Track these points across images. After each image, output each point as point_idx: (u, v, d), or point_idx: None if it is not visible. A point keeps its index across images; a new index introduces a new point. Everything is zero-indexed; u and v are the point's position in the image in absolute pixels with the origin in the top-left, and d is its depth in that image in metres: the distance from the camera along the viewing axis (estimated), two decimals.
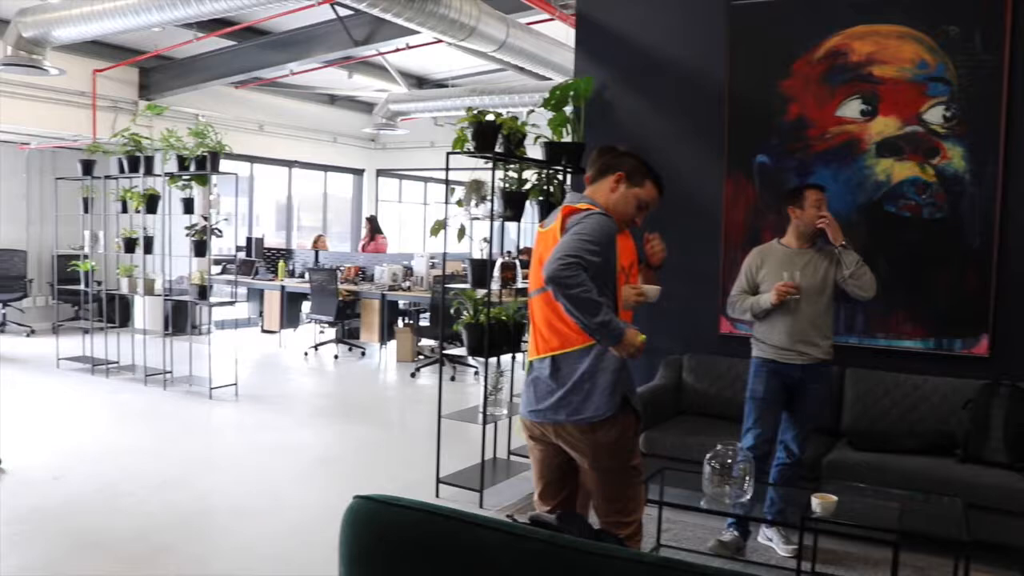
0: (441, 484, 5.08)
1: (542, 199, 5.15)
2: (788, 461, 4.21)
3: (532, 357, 3.04)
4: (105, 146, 8.69)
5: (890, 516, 3.48)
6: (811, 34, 5.02)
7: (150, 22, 7.47)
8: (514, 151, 4.86)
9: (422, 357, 10.07)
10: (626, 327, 2.77)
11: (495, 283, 4.98)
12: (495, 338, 4.99)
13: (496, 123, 4.75)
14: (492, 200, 4.94)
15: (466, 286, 5.18)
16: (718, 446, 3.64)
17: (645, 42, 5.61)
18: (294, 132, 13.75)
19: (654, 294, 3.10)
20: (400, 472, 5.68)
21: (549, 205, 5.11)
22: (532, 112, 5.18)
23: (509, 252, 5.36)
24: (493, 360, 5.13)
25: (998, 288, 4.62)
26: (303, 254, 12.51)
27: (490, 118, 4.77)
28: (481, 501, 4.87)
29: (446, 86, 12.67)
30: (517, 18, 8.15)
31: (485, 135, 4.73)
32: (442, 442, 5.13)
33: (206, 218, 8.00)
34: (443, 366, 5.88)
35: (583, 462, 2.95)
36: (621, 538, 2.58)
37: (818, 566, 3.89)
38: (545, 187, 5.17)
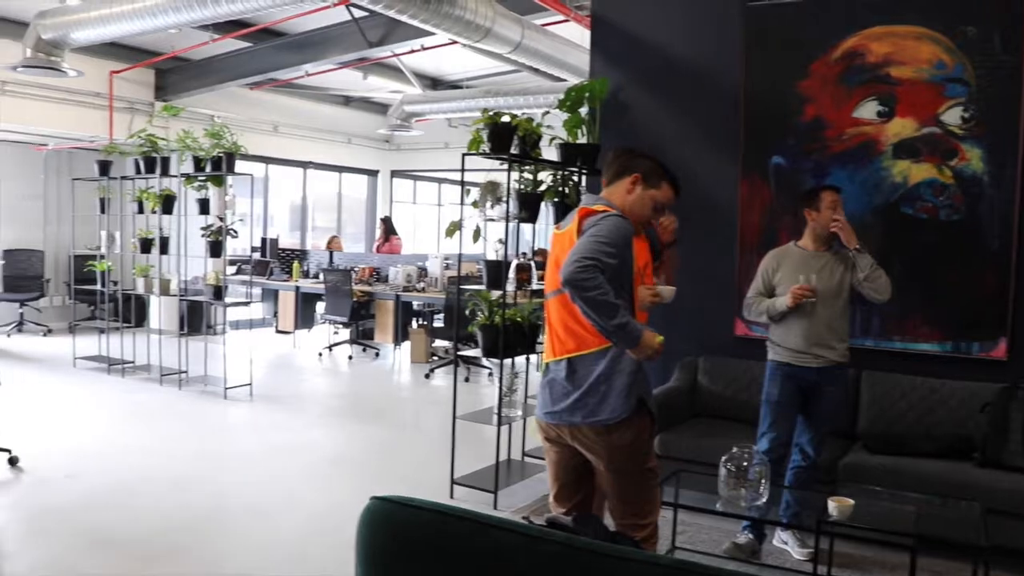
0: (455, 485, 5.08)
1: (557, 200, 5.14)
2: (804, 464, 4.19)
3: (548, 359, 3.03)
4: (122, 147, 8.74)
5: (907, 520, 3.46)
6: (828, 35, 5.00)
7: (167, 24, 7.51)
8: (529, 152, 4.85)
9: (436, 358, 10.07)
10: (643, 329, 2.76)
11: (510, 284, 4.97)
12: (510, 339, 4.98)
13: (512, 124, 4.74)
14: (507, 201, 4.94)
15: (480, 287, 5.18)
16: (734, 449, 3.62)
17: (660, 43, 5.60)
18: (309, 133, 13.78)
19: (669, 295, 3.10)
20: (414, 473, 5.69)
21: (564, 207, 5.10)
22: (547, 113, 5.17)
23: (524, 253, 5.34)
24: (508, 361, 5.13)
25: (1017, 290, 4.59)
26: (317, 255, 12.54)
27: (505, 119, 4.77)
28: (495, 502, 4.87)
29: (460, 87, 12.67)
30: (532, 19, 8.14)
31: (501, 136, 4.73)
32: (456, 443, 5.13)
33: (221, 219, 8.02)
34: (458, 367, 5.88)
35: (599, 464, 2.94)
36: (637, 540, 2.57)
37: (834, 570, 3.87)
38: (560, 188, 5.16)
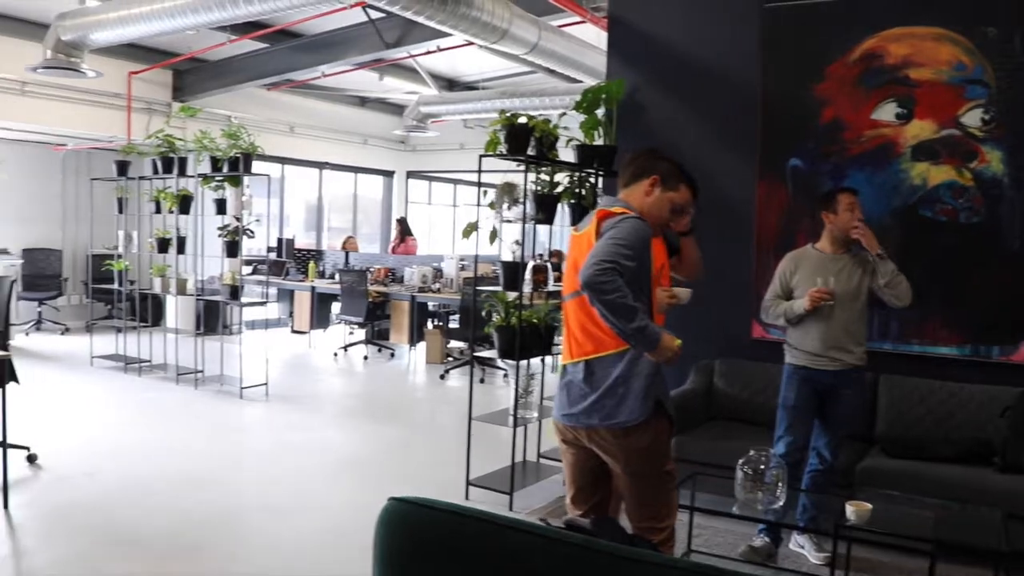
0: (470, 486, 5.08)
1: (573, 202, 5.13)
2: (821, 468, 4.17)
3: (566, 361, 3.03)
4: (139, 147, 8.79)
5: (926, 525, 3.44)
6: (846, 36, 4.98)
7: (186, 25, 7.55)
8: (546, 154, 4.85)
9: (451, 359, 10.08)
10: (662, 332, 2.76)
11: (527, 286, 4.97)
12: (526, 341, 4.98)
13: (528, 126, 4.74)
14: (524, 203, 4.93)
15: (496, 288, 5.17)
16: (751, 452, 3.61)
17: (678, 44, 5.59)
18: (325, 134, 13.82)
19: (686, 296, 3.10)
20: (429, 473, 5.69)
21: (581, 208, 5.09)
22: (564, 115, 5.17)
23: (541, 255, 5.34)
24: (523, 363, 5.12)
25: None
26: (333, 255, 12.57)
27: (522, 121, 4.76)
28: (511, 504, 4.87)
29: (476, 88, 12.68)
30: (549, 21, 8.14)
31: (517, 137, 4.73)
32: (471, 444, 5.13)
33: (238, 219, 8.06)
34: (473, 368, 5.88)
35: (616, 467, 2.94)
36: (655, 544, 2.57)
37: (851, 575, 3.86)
38: (577, 190, 5.16)
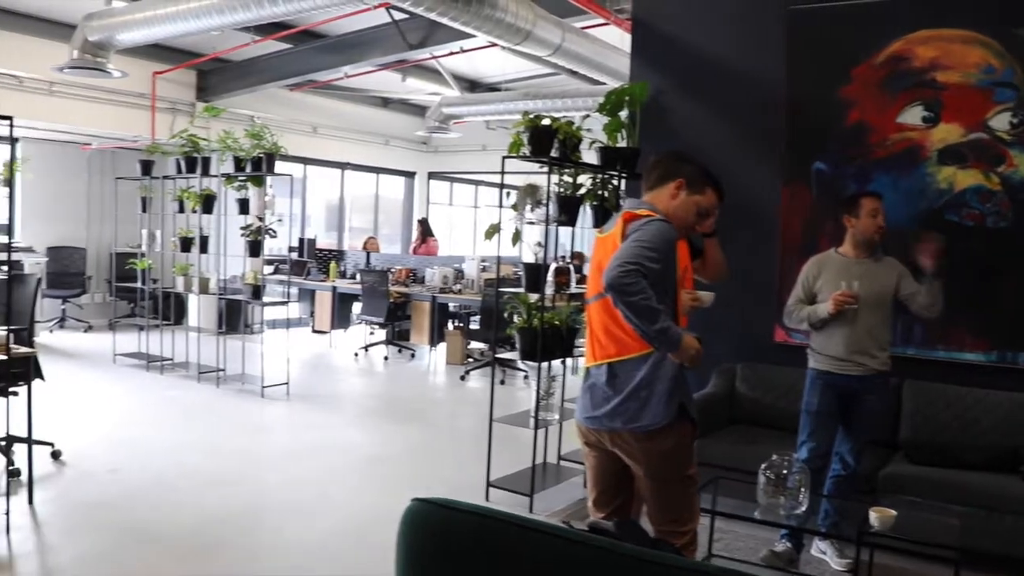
0: (491, 488, 5.07)
1: (596, 204, 5.12)
2: (844, 473, 4.14)
3: (589, 363, 3.02)
4: (164, 147, 8.86)
5: (951, 532, 3.41)
6: (872, 39, 4.94)
7: (211, 25, 7.60)
8: (569, 156, 4.84)
9: (471, 360, 10.09)
10: (684, 334, 2.75)
11: (549, 287, 4.96)
12: (548, 343, 4.97)
13: (552, 127, 4.74)
14: (547, 204, 4.93)
15: (517, 290, 5.18)
16: (773, 456, 3.59)
17: (702, 47, 5.57)
18: (347, 134, 13.86)
19: (709, 300, 3.09)
20: (449, 474, 5.70)
21: (603, 210, 5.09)
22: (587, 117, 5.16)
23: (563, 257, 5.34)
24: (545, 365, 5.12)
25: None
26: (354, 255, 12.61)
27: (546, 122, 4.76)
28: (531, 506, 4.86)
29: (498, 90, 12.69)
30: (572, 22, 8.13)
31: (541, 139, 4.73)
32: (492, 446, 5.13)
33: (261, 218, 8.10)
34: (494, 369, 5.87)
35: (638, 470, 2.93)
36: (677, 548, 2.56)
37: None
38: (599, 192, 5.15)
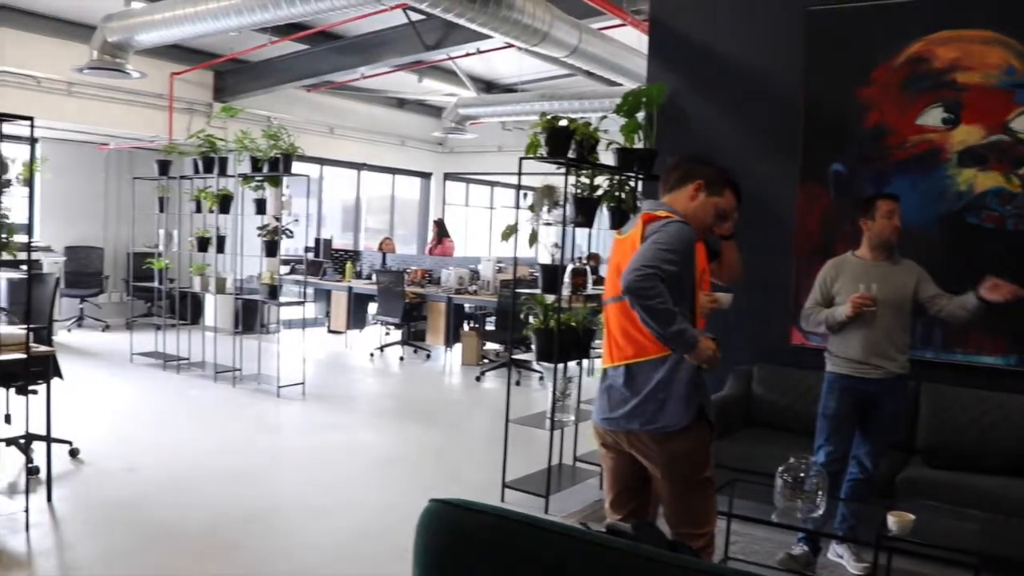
0: (506, 488, 5.07)
1: (613, 206, 5.12)
2: (861, 477, 4.12)
3: (606, 365, 3.02)
4: (181, 147, 8.90)
5: (970, 537, 3.39)
6: (891, 40, 4.92)
7: (229, 26, 7.63)
8: (587, 157, 4.84)
9: (487, 361, 10.09)
10: (701, 336, 2.74)
11: (565, 289, 4.95)
12: (564, 344, 4.97)
13: (569, 128, 4.73)
14: (564, 206, 4.93)
15: (533, 291, 5.17)
16: (791, 459, 3.58)
17: (719, 48, 5.56)
18: (363, 135, 13.90)
19: (727, 301, 3.09)
20: (465, 475, 5.70)
21: (620, 211, 5.08)
22: (604, 118, 5.15)
23: (580, 258, 5.33)
24: (561, 366, 5.11)
25: None
26: (370, 256, 12.63)
27: (563, 123, 4.76)
28: (546, 507, 4.85)
29: (515, 91, 12.69)
30: (589, 23, 8.13)
31: (558, 140, 4.72)
32: (507, 447, 5.13)
33: (277, 219, 8.12)
34: (511, 370, 5.87)
35: (656, 472, 2.92)
36: (695, 550, 2.55)
37: None
38: (616, 193, 5.14)
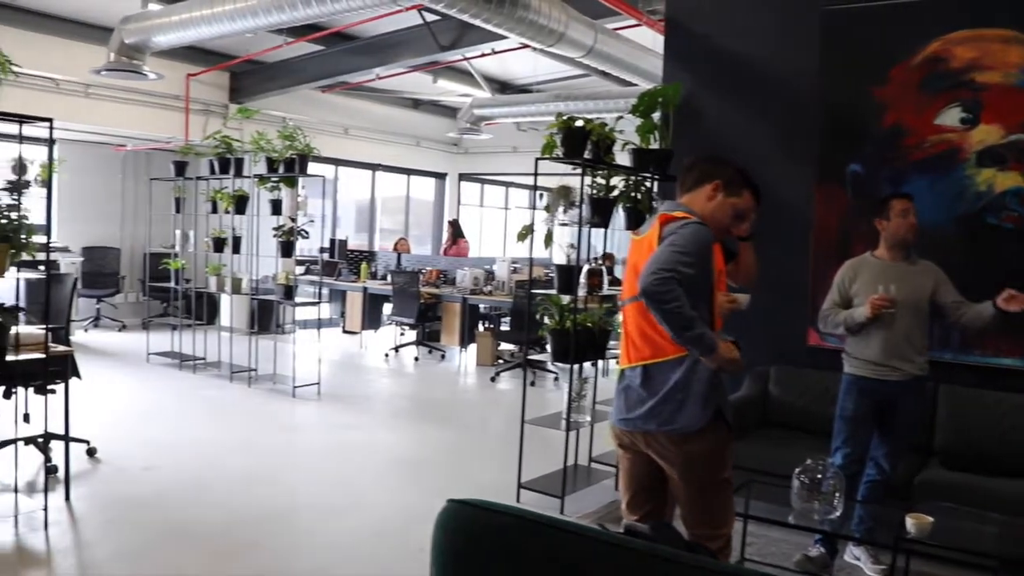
0: (522, 489, 5.07)
1: (629, 206, 5.11)
2: (878, 478, 4.10)
3: (623, 365, 3.01)
4: (197, 148, 8.94)
5: (989, 540, 3.37)
6: (909, 39, 4.89)
7: (245, 28, 7.66)
8: (603, 157, 4.83)
9: (502, 361, 10.09)
10: (720, 340, 2.73)
11: (582, 289, 4.95)
12: (580, 344, 4.96)
13: (585, 129, 4.73)
14: (580, 206, 4.92)
15: (548, 291, 5.17)
16: (808, 461, 3.56)
17: (736, 48, 5.54)
18: (378, 135, 13.93)
19: (745, 302, 3.08)
20: (480, 475, 5.70)
21: (636, 212, 5.07)
22: (620, 118, 5.15)
23: (596, 259, 5.33)
24: (577, 366, 5.11)
25: None
26: (385, 256, 12.65)
27: (579, 124, 4.75)
28: (562, 507, 4.85)
29: (529, 91, 12.69)
30: (604, 24, 8.11)
31: (574, 141, 4.72)
32: (523, 447, 5.13)
33: (293, 219, 8.15)
34: (527, 371, 5.87)
35: (673, 473, 2.91)
36: (713, 552, 2.54)
37: None
38: (632, 194, 5.13)
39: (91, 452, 5.57)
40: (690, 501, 2.94)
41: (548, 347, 5.18)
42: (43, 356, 4.36)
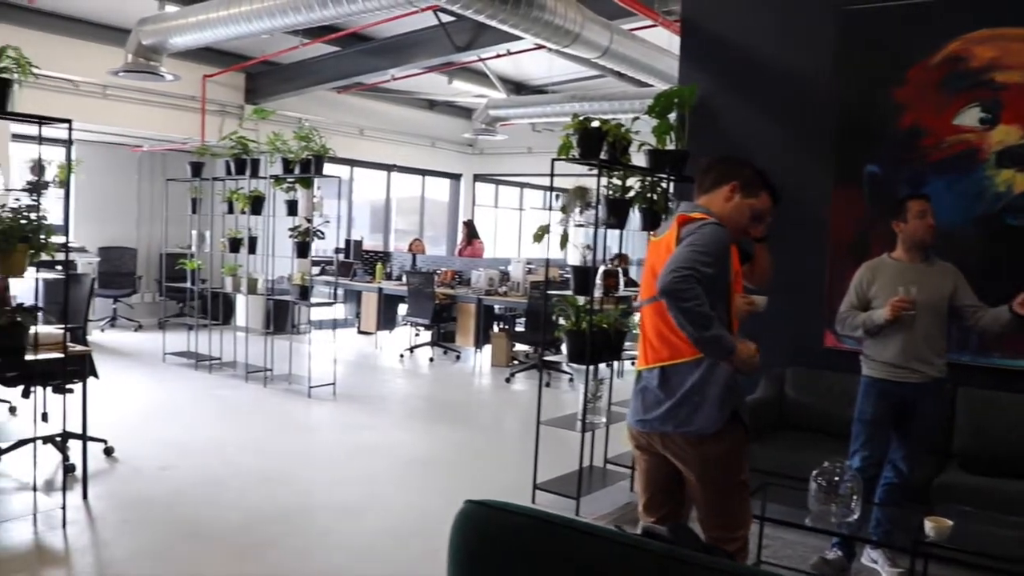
0: (537, 490, 5.07)
1: (645, 207, 5.10)
2: (896, 481, 4.07)
3: (641, 367, 3.01)
4: (213, 149, 8.97)
5: (1009, 544, 3.34)
6: (928, 39, 4.86)
7: (262, 29, 7.68)
8: (619, 158, 4.82)
9: (517, 362, 10.09)
10: (738, 341, 2.72)
11: (597, 290, 4.94)
12: (596, 345, 4.95)
13: (601, 130, 4.72)
14: (596, 207, 4.92)
15: (565, 292, 5.17)
16: (825, 463, 3.55)
17: (752, 48, 5.52)
18: (393, 136, 13.95)
19: (763, 303, 3.08)
20: (496, 476, 5.70)
21: (652, 213, 5.06)
22: (637, 119, 5.14)
23: (612, 260, 5.32)
24: (592, 367, 5.10)
25: None
26: (400, 257, 12.67)
27: (595, 125, 4.75)
28: (577, 509, 4.84)
29: (544, 92, 12.68)
30: (620, 24, 8.10)
31: (590, 142, 4.72)
32: (539, 448, 5.12)
33: (309, 220, 8.16)
34: (542, 372, 5.87)
35: (690, 474, 2.91)
36: (731, 553, 2.53)
37: None
38: (648, 195, 5.12)
39: (108, 451, 5.60)
40: (707, 503, 2.93)
41: (563, 348, 5.17)
42: (62, 355, 4.38)
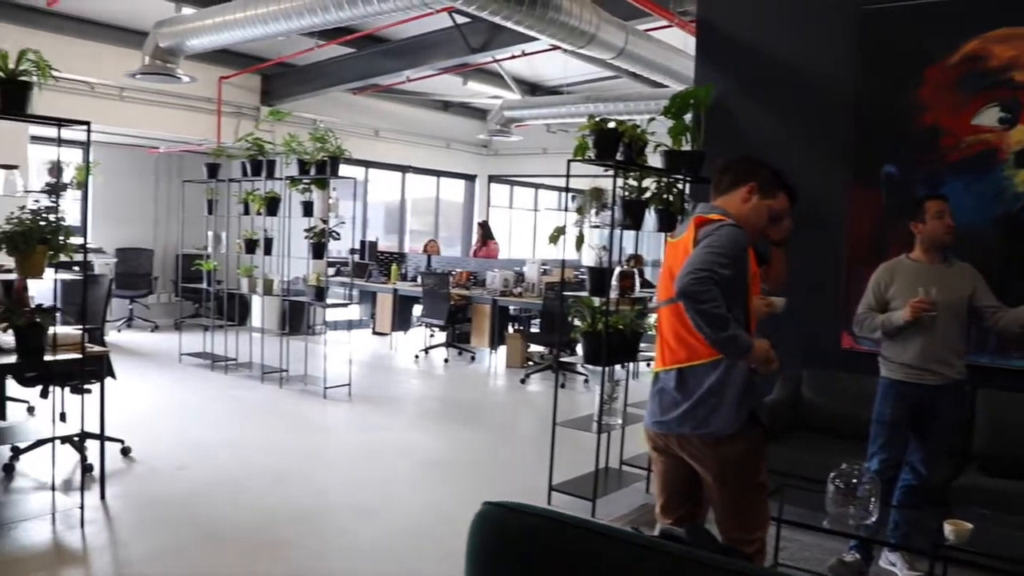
0: (553, 492, 5.06)
1: (661, 208, 5.09)
2: (915, 483, 4.05)
3: (658, 368, 3.00)
4: (229, 150, 9.01)
5: None
6: (946, 39, 4.82)
7: (278, 31, 7.71)
8: (635, 159, 4.81)
9: (532, 363, 10.08)
10: (754, 341, 2.71)
11: (613, 291, 4.93)
12: (612, 347, 4.95)
13: (617, 131, 4.71)
14: (613, 208, 4.91)
15: (580, 293, 5.16)
16: (843, 465, 3.52)
17: (769, 48, 5.50)
18: (408, 137, 13.98)
19: (781, 305, 3.07)
20: (511, 477, 5.70)
21: (668, 214, 5.05)
22: (652, 120, 5.13)
23: (628, 261, 5.31)
24: (608, 368, 5.09)
25: None
26: (415, 258, 12.69)
27: (611, 126, 4.74)
28: (593, 510, 4.83)
29: (559, 93, 12.68)
30: (635, 25, 8.09)
31: (606, 142, 4.71)
32: (554, 449, 5.12)
33: (324, 221, 8.19)
34: (558, 373, 5.86)
35: (707, 476, 2.90)
36: (749, 555, 2.52)
37: None
38: (664, 196, 5.11)
39: (125, 451, 5.63)
40: (724, 504, 2.92)
41: (579, 349, 5.17)
42: (80, 356, 4.41)
